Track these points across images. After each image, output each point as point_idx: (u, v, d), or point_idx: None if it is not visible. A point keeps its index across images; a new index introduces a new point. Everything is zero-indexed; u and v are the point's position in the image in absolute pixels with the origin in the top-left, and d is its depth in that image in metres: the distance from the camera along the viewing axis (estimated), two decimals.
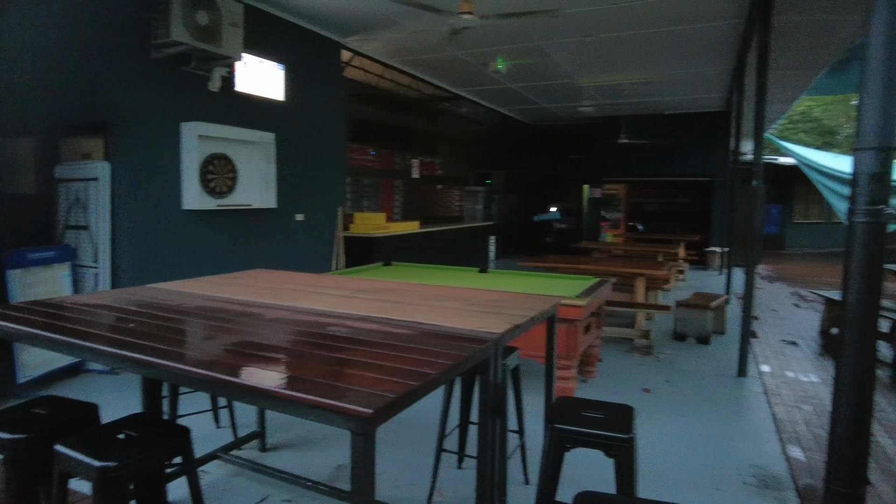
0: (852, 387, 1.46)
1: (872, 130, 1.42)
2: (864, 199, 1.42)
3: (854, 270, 1.45)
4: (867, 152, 1.42)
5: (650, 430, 3.74)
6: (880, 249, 1.44)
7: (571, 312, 3.64)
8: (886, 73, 1.40)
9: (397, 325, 1.90)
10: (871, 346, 1.46)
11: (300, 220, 6.63)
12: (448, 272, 5.22)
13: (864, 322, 1.45)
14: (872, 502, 2.95)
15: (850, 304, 1.44)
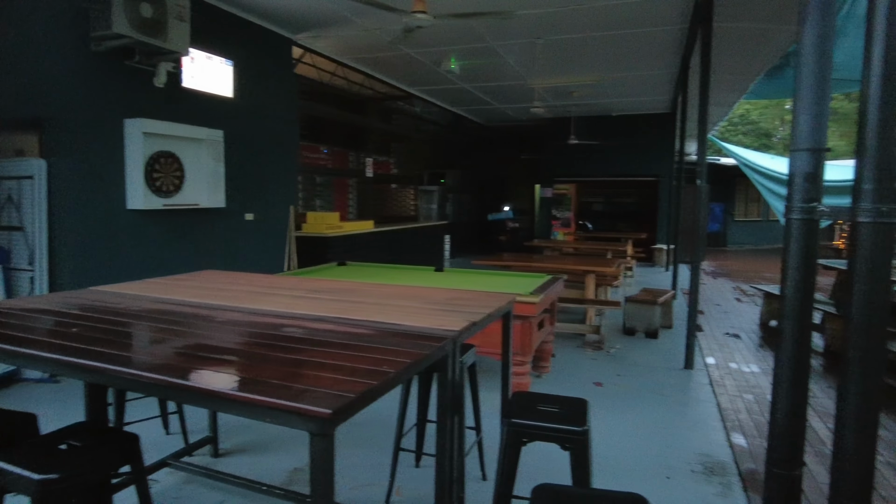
0: (789, 375, 1.54)
1: (805, 133, 1.50)
2: (799, 197, 1.49)
3: (790, 265, 1.53)
4: (801, 153, 1.50)
5: (602, 423, 3.84)
6: (814, 245, 1.52)
7: (525, 309, 3.70)
8: (817, 79, 1.49)
9: (355, 325, 1.89)
10: (806, 336, 1.54)
11: (250, 219, 6.48)
12: (404, 272, 5.21)
13: (799, 314, 1.53)
14: (808, 481, 3.12)
15: (787, 297, 1.52)
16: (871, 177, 1.33)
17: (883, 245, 1.34)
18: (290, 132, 7.16)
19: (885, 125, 1.32)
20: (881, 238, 1.34)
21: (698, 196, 5.00)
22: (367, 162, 9.87)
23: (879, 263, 1.35)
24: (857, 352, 1.40)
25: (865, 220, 1.35)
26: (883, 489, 3.04)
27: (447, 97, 11.52)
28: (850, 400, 1.44)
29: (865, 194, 1.35)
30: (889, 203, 1.32)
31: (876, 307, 1.37)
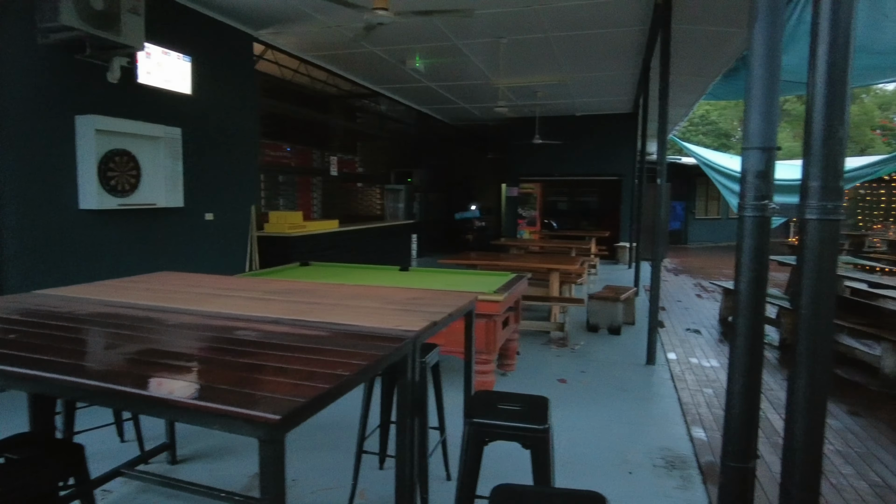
0: (743, 369, 1.57)
1: (756, 132, 1.53)
2: (752, 194, 1.52)
3: (743, 261, 1.56)
4: (752, 152, 1.52)
5: (566, 420, 3.87)
6: (766, 241, 1.55)
7: (489, 308, 3.70)
8: (766, 80, 1.51)
9: (311, 327, 1.85)
10: (759, 330, 1.57)
11: (210, 219, 6.33)
12: (369, 271, 5.16)
13: (752, 308, 1.56)
14: (764, 473, 3.20)
15: (740, 293, 1.54)
16: (818, 175, 1.36)
17: (829, 241, 1.37)
18: (251, 130, 7.02)
19: (830, 126, 1.35)
20: (827, 234, 1.37)
21: (658, 195, 5.09)
22: (331, 160, 9.74)
23: (826, 258, 1.38)
24: (806, 344, 1.43)
25: (812, 217, 1.38)
26: (833, 477, 3.15)
27: (413, 96, 11.47)
28: (798, 391, 1.47)
29: (812, 192, 1.38)
30: (834, 200, 1.35)
31: (823, 301, 1.40)
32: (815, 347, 1.42)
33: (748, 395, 1.60)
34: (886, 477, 3.15)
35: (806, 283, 1.41)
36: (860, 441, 3.63)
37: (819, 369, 1.43)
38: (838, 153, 1.35)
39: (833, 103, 1.35)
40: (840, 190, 1.36)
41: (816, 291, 1.40)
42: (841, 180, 1.36)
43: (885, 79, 8.96)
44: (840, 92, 1.36)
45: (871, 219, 18.43)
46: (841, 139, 1.35)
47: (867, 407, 4.26)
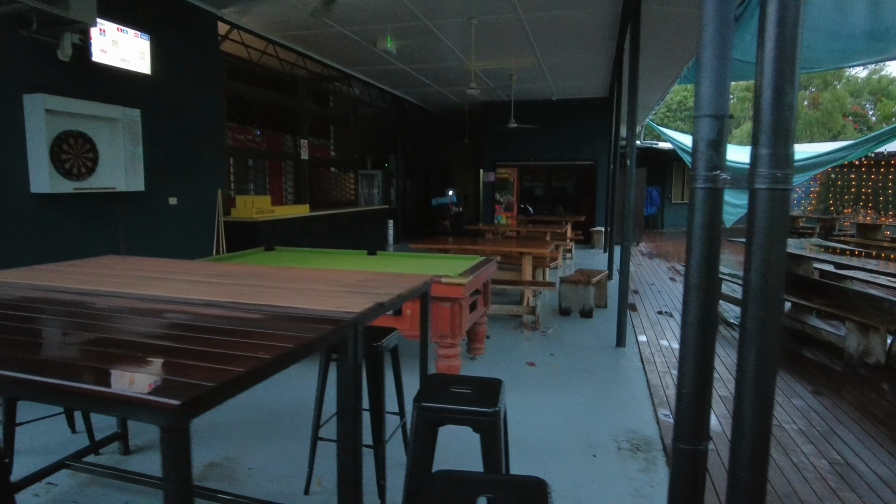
0: (694, 350, 1.51)
1: (708, 99, 1.46)
2: (703, 164, 1.45)
3: (694, 236, 1.49)
4: (704, 120, 1.45)
5: (532, 403, 3.83)
6: (717, 215, 1.49)
7: (453, 291, 3.62)
8: (718, 44, 1.44)
9: (246, 310, 1.75)
10: (711, 309, 1.51)
11: (174, 204, 6.14)
12: (335, 256, 5.05)
13: (704, 286, 1.50)
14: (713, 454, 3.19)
15: (691, 269, 1.48)
16: (767, 141, 1.30)
17: (778, 211, 1.31)
18: (216, 112, 6.81)
19: (779, 90, 1.29)
20: (777, 204, 1.31)
21: (628, 179, 5.04)
22: (302, 144, 9.55)
23: (775, 230, 1.32)
24: (754, 321, 1.37)
25: (761, 187, 1.31)
26: (794, 455, 3.15)
27: (386, 79, 11.30)
28: (747, 370, 1.41)
29: (761, 160, 1.31)
30: (784, 168, 1.29)
31: (772, 275, 1.34)
32: (763, 324, 1.36)
33: (699, 376, 1.55)
34: (847, 455, 3.16)
35: (755, 256, 1.35)
36: (822, 420, 3.65)
37: (767, 347, 1.38)
38: (788, 119, 1.29)
39: (782, 66, 1.28)
40: (789, 157, 1.30)
41: (765, 265, 1.34)
42: (791, 147, 1.30)
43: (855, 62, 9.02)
44: (790, 54, 1.29)
45: (841, 203, 18.75)
46: (790, 104, 1.28)
47: (831, 387, 4.29)
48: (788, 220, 1.35)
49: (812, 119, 35.29)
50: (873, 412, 3.82)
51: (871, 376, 4.54)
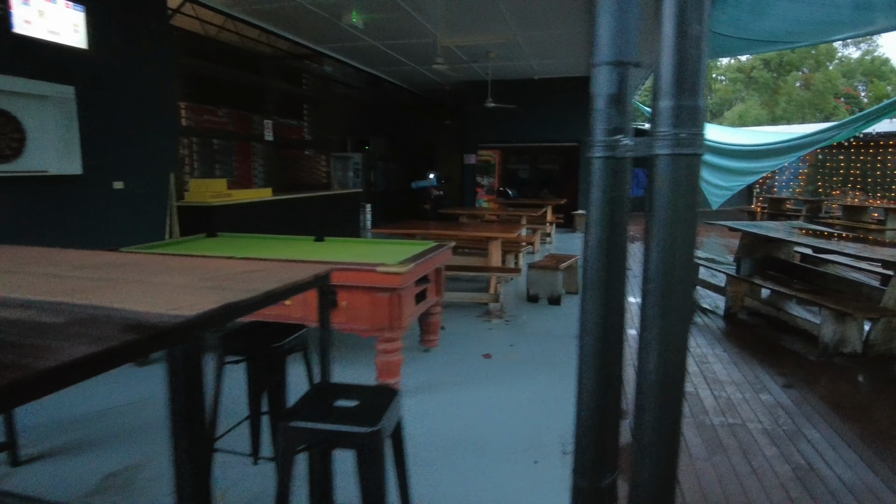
0: (593, 360, 1.19)
1: (607, 41, 1.13)
2: (601, 127, 1.12)
3: (591, 219, 1.17)
4: (603, 68, 1.13)
5: (481, 399, 3.54)
6: (621, 191, 1.17)
7: (388, 280, 3.30)
8: None
9: (56, 312, 1.42)
10: (616, 311, 1.19)
11: (120, 188, 5.77)
12: (279, 242, 4.71)
13: (604, 281, 1.18)
14: (684, 455, 2.91)
15: (588, 260, 1.16)
16: (669, 90, 0.97)
17: (684, 183, 0.99)
18: (167, 91, 6.40)
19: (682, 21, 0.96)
20: (681, 173, 0.99)
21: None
22: (266, 124, 9.14)
23: (681, 208, 1.00)
24: (654, 327, 1.06)
25: (662, 153, 0.99)
26: (755, 459, 2.87)
27: (359, 56, 10.84)
28: (647, 384, 1.10)
29: (662, 116, 0.99)
30: (689, 128, 0.96)
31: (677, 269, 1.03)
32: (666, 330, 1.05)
33: (599, 393, 1.24)
34: (811, 458, 2.88)
35: (655, 238, 1.03)
36: (790, 417, 3.37)
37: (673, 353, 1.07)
38: (695, 59, 0.96)
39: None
40: (696, 112, 0.97)
41: (667, 249, 1.02)
42: (700, 99, 0.97)
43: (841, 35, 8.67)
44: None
45: (830, 185, 18.50)
46: (698, 39, 0.96)
47: (803, 379, 4.01)
48: (695, 192, 1.03)
49: (804, 100, 34.95)
50: (844, 406, 3.55)
51: (846, 366, 4.27)
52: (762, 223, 7.11)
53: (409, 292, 3.58)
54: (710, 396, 3.69)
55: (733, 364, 4.29)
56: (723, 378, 4.01)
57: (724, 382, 3.93)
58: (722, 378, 4.01)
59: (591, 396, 1.25)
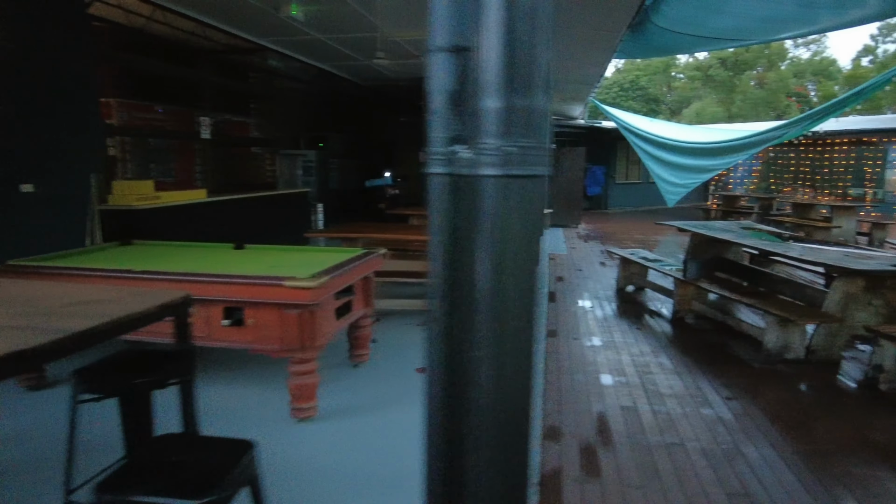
0: (441, 401, 0.93)
1: (444, 22, 0.85)
2: (439, 134, 0.85)
3: (435, 242, 0.90)
4: (439, 55, 0.85)
5: (404, 422, 3.26)
6: (470, 219, 0.89)
7: (298, 296, 3.00)
8: None
9: None
10: (462, 343, 0.92)
11: (29, 191, 5.28)
12: (193, 251, 4.36)
13: (450, 314, 0.91)
14: (615, 482, 2.69)
15: (435, 288, 0.88)
16: (496, 85, 0.71)
17: (519, 212, 0.73)
18: (86, 85, 5.92)
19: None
20: (514, 202, 0.73)
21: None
22: (202, 122, 8.67)
23: (515, 232, 0.74)
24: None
25: (486, 174, 0.73)
26: (690, 484, 2.66)
27: (306, 51, 10.41)
28: (478, 403, 0.85)
29: (485, 120, 0.73)
30: (523, 137, 0.70)
31: (511, 281, 0.77)
32: (501, 357, 0.80)
33: (449, 435, 0.97)
34: (747, 481, 2.70)
35: (479, 262, 0.77)
36: (729, 434, 3.20)
37: (510, 378, 0.81)
38: (529, 40, 0.70)
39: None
40: (535, 117, 0.71)
41: (496, 273, 0.77)
42: (539, 96, 0.71)
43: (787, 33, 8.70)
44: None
45: (782, 182, 18.86)
46: (532, 11, 0.69)
47: (745, 389, 3.86)
48: (536, 216, 0.77)
49: (758, 98, 35.79)
50: (784, 420, 3.40)
51: (789, 374, 4.15)
52: (711, 223, 7.03)
53: (325, 307, 3.28)
54: (649, 412, 3.50)
55: (676, 374, 4.12)
56: (664, 390, 3.83)
57: (665, 395, 3.75)
58: (663, 390, 3.83)
59: (438, 441, 0.98)
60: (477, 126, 0.72)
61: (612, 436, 3.18)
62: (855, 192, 16.89)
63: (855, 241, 11.09)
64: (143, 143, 9.07)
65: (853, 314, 4.29)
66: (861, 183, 16.86)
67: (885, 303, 4.28)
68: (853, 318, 4.30)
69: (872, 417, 3.48)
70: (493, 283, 0.78)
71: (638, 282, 6.73)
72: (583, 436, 3.18)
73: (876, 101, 29.92)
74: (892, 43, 35.15)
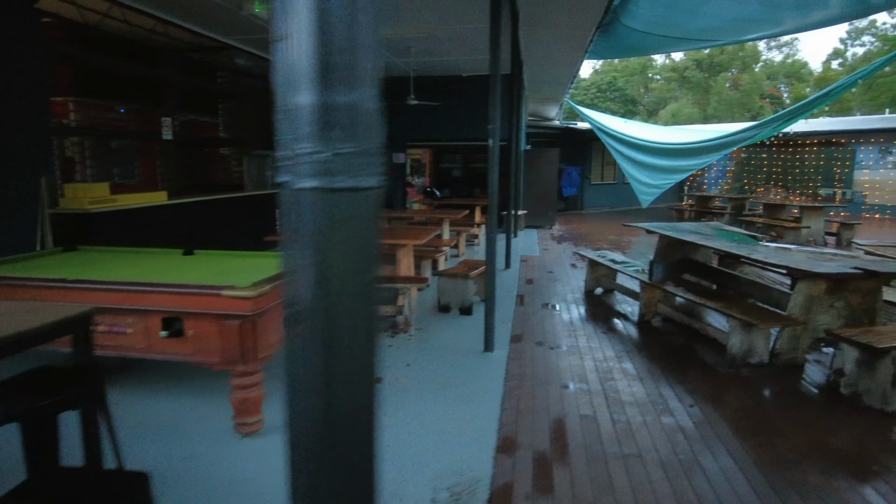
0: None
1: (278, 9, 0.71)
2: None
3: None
4: (274, 46, 0.71)
5: None
6: (293, 232, 0.76)
7: (237, 306, 2.85)
8: None
9: None
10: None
11: None
12: (141, 257, 4.16)
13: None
14: (567, 498, 2.59)
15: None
16: (308, 75, 0.58)
17: (347, 228, 0.61)
18: (36, 85, 5.67)
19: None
20: (338, 218, 0.60)
21: (489, 156, 4.38)
22: (164, 122, 8.41)
23: (339, 248, 0.62)
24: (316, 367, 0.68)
25: (299, 186, 0.60)
26: (644, 499, 2.57)
27: None
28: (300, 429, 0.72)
29: (297, 119, 0.60)
30: (346, 141, 0.58)
31: (339, 297, 0.65)
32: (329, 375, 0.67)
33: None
34: (703, 494, 2.61)
35: (301, 273, 0.64)
36: (689, 443, 3.12)
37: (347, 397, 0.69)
38: (347, 16, 0.57)
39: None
40: (361, 117, 0.59)
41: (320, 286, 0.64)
42: (364, 89, 0.59)
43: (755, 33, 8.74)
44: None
45: (755, 182, 19.06)
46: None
47: (708, 395, 3.79)
48: (369, 231, 0.64)
49: (733, 100, 36.25)
50: (745, 428, 3.33)
51: (753, 379, 4.09)
52: (680, 224, 7.00)
53: (269, 317, 3.12)
54: (608, 421, 3.40)
55: (639, 381, 4.04)
56: (626, 398, 3.74)
57: (626, 403, 3.66)
58: (625, 398, 3.74)
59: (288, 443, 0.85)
60: (292, 129, 0.59)
61: (568, 447, 3.07)
62: (825, 192, 17.12)
63: (824, 241, 11.20)
64: (104, 144, 8.78)
65: (816, 317, 4.26)
66: (831, 183, 17.10)
67: (847, 305, 4.25)
68: (816, 321, 4.26)
69: (832, 423, 3.42)
70: (319, 302, 0.65)
71: (607, 284, 6.67)
72: (538, 447, 3.07)
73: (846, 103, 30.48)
74: (860, 46, 35.88)
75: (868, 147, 16.39)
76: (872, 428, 3.36)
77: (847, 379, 3.72)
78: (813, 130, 17.01)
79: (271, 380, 3.80)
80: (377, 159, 0.59)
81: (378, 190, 0.60)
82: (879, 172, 16.25)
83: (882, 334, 3.69)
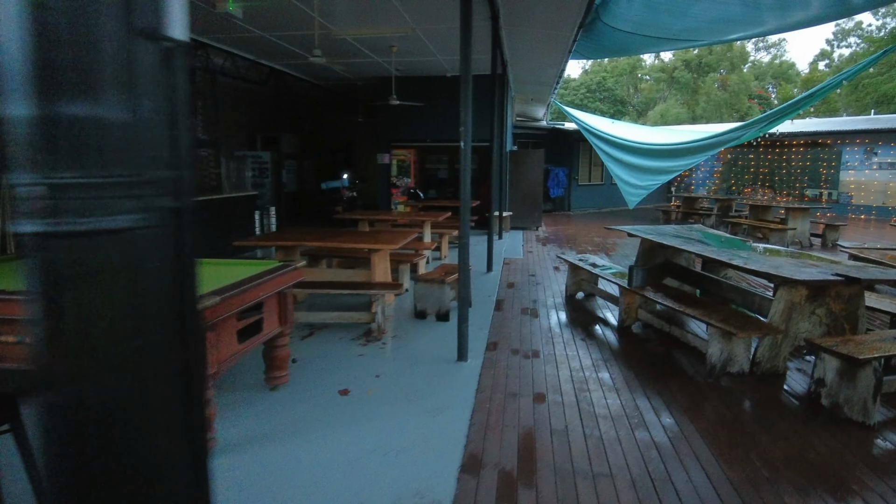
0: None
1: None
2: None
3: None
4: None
5: (315, 453, 2.96)
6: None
7: None
8: None
9: None
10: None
11: None
12: None
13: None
14: None
15: None
16: (20, 76, 0.42)
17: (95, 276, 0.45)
18: None
19: None
20: (76, 270, 0.44)
21: (462, 157, 4.23)
22: None
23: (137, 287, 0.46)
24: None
25: (24, 230, 0.44)
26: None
27: (251, 48, 10.01)
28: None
29: (13, 138, 0.44)
30: (66, 170, 0.42)
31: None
32: None
33: None
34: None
35: None
36: (662, 461, 2.98)
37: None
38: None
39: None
40: (110, 134, 0.43)
41: None
42: (107, 96, 0.43)
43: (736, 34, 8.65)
44: None
45: (742, 182, 19.04)
46: None
47: (686, 407, 3.66)
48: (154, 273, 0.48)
49: (721, 100, 36.33)
50: (722, 443, 3.20)
51: (732, 389, 3.96)
52: (663, 227, 6.88)
53: (220, 330, 2.95)
54: (580, 437, 3.25)
55: (615, 392, 3.90)
56: (600, 411, 3.60)
57: (600, 417, 3.51)
58: (599, 411, 3.60)
59: None
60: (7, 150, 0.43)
61: (536, 466, 2.92)
62: (811, 192, 17.13)
63: (809, 242, 11.16)
64: None
65: (797, 324, 4.14)
66: (817, 184, 17.11)
67: (828, 312, 4.14)
68: (797, 328, 4.15)
69: (811, 436, 3.30)
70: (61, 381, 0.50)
71: (588, 288, 6.54)
72: (505, 466, 2.92)
73: (831, 104, 30.62)
74: (846, 48, 36.09)
75: (854, 148, 16.41)
76: (852, 442, 3.24)
77: (827, 390, 3.60)
78: (799, 131, 17.01)
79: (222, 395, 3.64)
80: (136, 191, 0.43)
81: (144, 231, 0.44)
82: (865, 173, 16.27)
83: (862, 344, 3.58)
